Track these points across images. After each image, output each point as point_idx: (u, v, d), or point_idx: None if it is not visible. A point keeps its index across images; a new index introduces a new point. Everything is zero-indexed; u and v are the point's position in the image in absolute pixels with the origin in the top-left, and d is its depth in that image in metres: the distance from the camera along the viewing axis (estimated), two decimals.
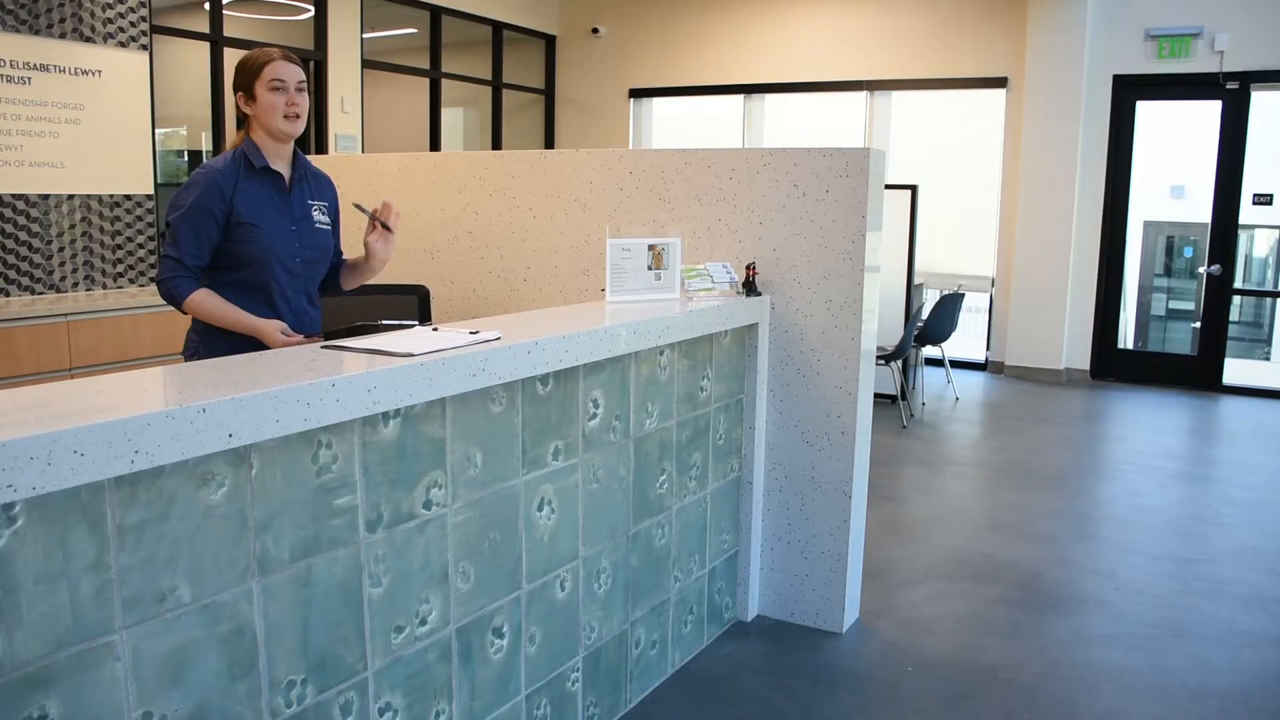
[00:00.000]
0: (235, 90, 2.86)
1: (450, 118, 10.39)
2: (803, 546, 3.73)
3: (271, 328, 2.79)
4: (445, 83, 9.83)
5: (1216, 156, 8.41)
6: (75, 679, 1.56)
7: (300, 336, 2.83)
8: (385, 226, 2.97)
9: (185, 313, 2.81)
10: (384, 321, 2.89)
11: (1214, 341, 8.54)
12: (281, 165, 2.89)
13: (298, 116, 2.83)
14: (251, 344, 2.75)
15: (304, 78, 2.86)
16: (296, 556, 1.91)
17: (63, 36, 5.43)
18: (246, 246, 2.78)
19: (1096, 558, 4.55)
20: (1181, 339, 9.15)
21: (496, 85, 10.51)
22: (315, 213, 2.96)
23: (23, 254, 5.36)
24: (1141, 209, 9.02)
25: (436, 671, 2.29)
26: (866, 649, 3.62)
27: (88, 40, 5.56)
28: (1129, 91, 8.63)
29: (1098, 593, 4.14)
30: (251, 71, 2.81)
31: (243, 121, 2.91)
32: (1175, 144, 9.09)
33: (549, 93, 11.10)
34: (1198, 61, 8.26)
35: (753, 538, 3.75)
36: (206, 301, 2.77)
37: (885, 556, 4.47)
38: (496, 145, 10.58)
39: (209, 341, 2.82)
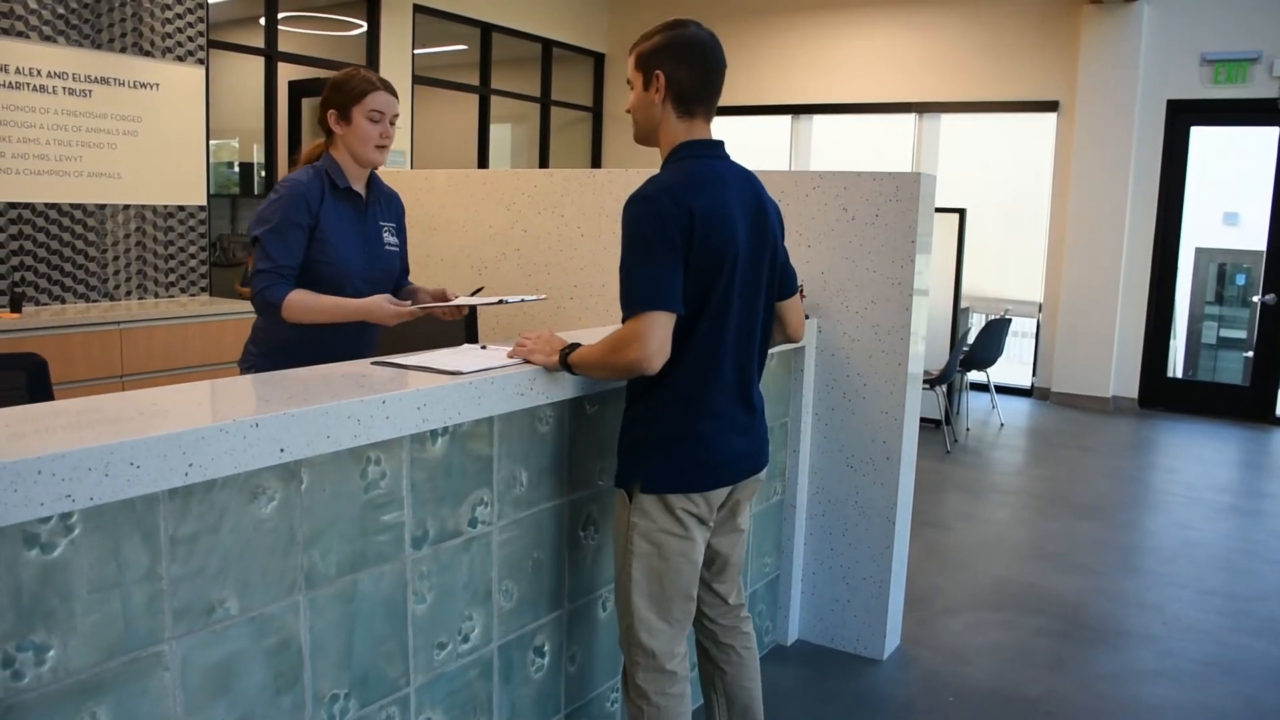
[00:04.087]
0: (328, 107, 2.82)
1: (499, 134, 10.47)
2: (845, 572, 3.70)
3: (378, 302, 2.72)
4: (494, 99, 9.91)
5: (1273, 183, 8.27)
6: (125, 687, 1.58)
7: (409, 304, 2.76)
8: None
9: (286, 318, 2.70)
10: (506, 298, 2.83)
11: (1267, 372, 8.39)
12: (360, 186, 2.89)
13: (387, 148, 2.84)
14: (310, 361, 2.62)
15: (399, 111, 2.85)
16: (343, 571, 1.92)
17: (123, 50, 5.54)
18: (321, 266, 2.76)
19: (1143, 591, 4.47)
20: (1233, 369, 9.00)
21: (545, 102, 10.59)
22: (386, 234, 2.95)
23: (79, 262, 5.46)
24: (1193, 236, 8.89)
25: (478, 689, 2.29)
26: (907, 677, 3.58)
27: (146, 54, 5.66)
28: (1183, 117, 8.52)
29: (1144, 627, 4.06)
30: (352, 95, 2.79)
31: (316, 132, 2.89)
32: (1230, 170, 8.96)
33: (597, 110, 11.16)
34: (1255, 87, 8.14)
35: (794, 562, 3.72)
36: (305, 299, 2.70)
37: (928, 584, 4.43)
38: (544, 162, 10.65)
39: (268, 356, 2.81)
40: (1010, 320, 8.14)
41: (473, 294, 2.93)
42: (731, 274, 2.18)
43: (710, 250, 2.14)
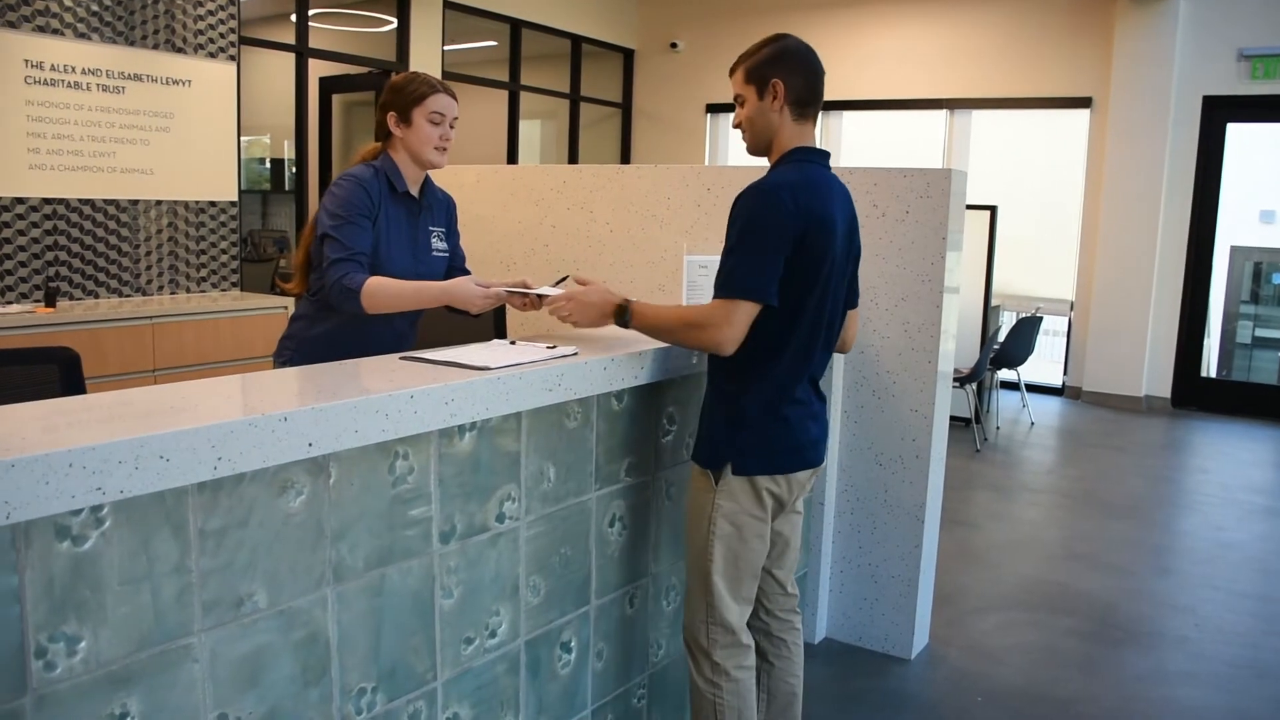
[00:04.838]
0: (386, 109, 2.80)
1: (528, 129, 10.49)
2: (873, 570, 3.68)
3: (463, 284, 2.68)
4: (524, 95, 9.92)
5: None
6: (156, 679, 1.59)
7: (494, 283, 2.73)
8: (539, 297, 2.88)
9: (366, 306, 2.63)
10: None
11: None
12: (415, 190, 2.88)
13: (446, 150, 2.83)
14: (346, 356, 2.55)
15: (458, 114, 2.84)
16: (371, 565, 1.92)
17: (156, 48, 5.58)
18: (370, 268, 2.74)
19: (1175, 592, 4.42)
20: (1268, 368, 8.87)
21: (575, 98, 10.59)
22: (434, 239, 2.94)
23: (112, 257, 5.51)
24: (1229, 233, 8.78)
25: (504, 684, 2.30)
26: (935, 677, 3.56)
27: (179, 51, 5.71)
28: (1219, 113, 8.40)
29: (1176, 628, 4.02)
30: (413, 97, 2.77)
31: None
32: (1267, 167, 8.84)
33: (626, 106, 11.16)
34: None
35: (822, 560, 3.71)
36: (385, 285, 2.65)
37: (956, 583, 4.40)
38: (573, 158, 10.66)
39: (304, 350, 2.80)
40: (1041, 318, 8.07)
41: (556, 284, 2.91)
42: (829, 276, 2.33)
43: (815, 252, 2.27)
